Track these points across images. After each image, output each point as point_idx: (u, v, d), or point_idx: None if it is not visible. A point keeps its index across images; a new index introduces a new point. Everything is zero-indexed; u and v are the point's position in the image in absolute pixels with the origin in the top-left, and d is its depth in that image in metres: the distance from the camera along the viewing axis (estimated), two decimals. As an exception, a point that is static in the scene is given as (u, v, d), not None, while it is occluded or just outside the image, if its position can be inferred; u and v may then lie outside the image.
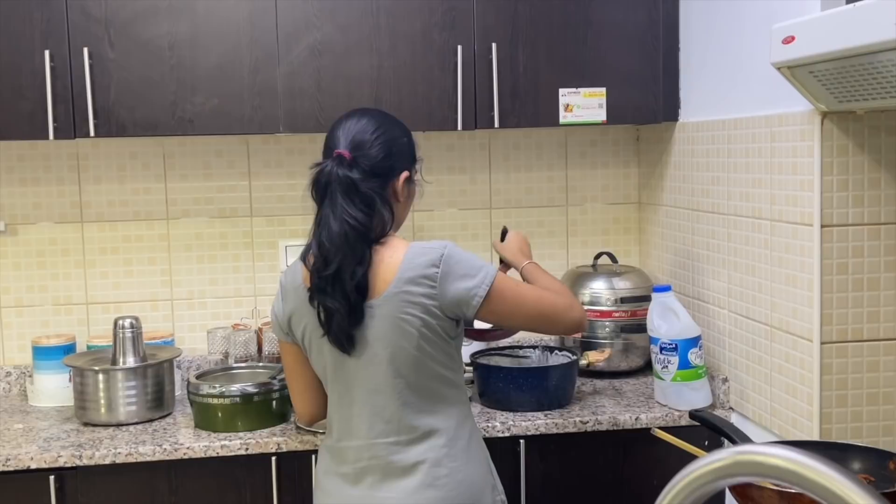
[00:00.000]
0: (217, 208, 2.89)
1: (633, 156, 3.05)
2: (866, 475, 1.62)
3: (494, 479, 1.99)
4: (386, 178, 1.91)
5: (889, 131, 1.96)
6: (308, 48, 2.52)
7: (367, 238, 1.84)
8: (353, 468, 1.91)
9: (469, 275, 1.85)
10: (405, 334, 1.84)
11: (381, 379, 1.87)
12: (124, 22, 2.46)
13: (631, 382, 2.70)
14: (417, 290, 1.83)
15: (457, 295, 1.84)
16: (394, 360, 1.86)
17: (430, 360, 1.87)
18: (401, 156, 1.94)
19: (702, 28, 2.56)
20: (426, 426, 1.89)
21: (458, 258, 1.86)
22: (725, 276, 2.42)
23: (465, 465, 1.90)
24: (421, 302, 1.83)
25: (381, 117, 1.97)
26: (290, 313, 1.93)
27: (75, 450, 2.23)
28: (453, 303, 1.84)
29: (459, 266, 1.85)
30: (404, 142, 1.97)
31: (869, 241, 1.99)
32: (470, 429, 1.96)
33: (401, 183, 1.93)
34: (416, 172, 2.00)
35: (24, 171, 2.81)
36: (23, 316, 2.84)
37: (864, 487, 0.66)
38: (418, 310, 1.83)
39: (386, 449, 1.88)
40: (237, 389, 2.33)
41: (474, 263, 1.87)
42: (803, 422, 2.06)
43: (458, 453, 1.90)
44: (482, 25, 2.58)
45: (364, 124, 1.91)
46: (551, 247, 3.04)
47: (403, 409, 1.88)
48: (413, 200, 2.02)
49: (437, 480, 1.87)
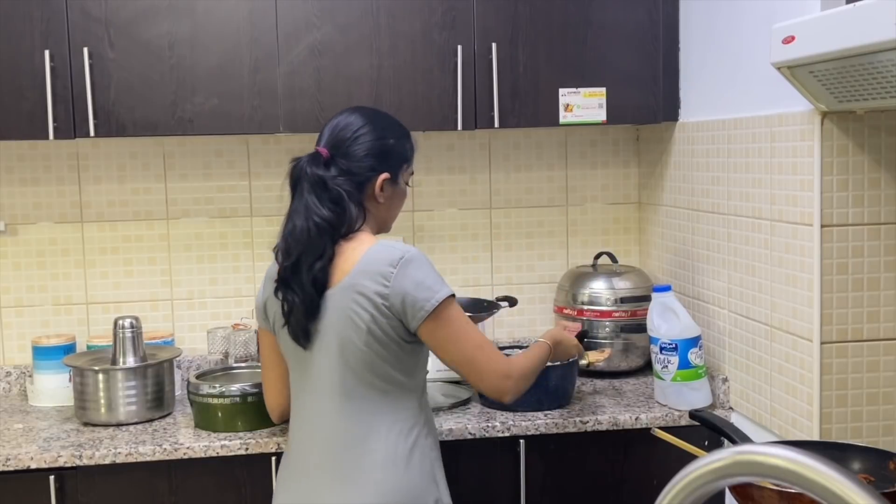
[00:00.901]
0: (217, 208, 2.89)
1: (633, 156, 3.05)
2: (866, 475, 1.62)
3: (439, 492, 1.92)
4: (362, 177, 1.92)
5: (889, 131, 1.96)
6: (308, 48, 2.52)
7: (332, 234, 1.87)
8: (304, 463, 1.91)
9: (423, 285, 1.82)
10: (354, 327, 1.83)
11: (331, 370, 1.87)
12: (124, 22, 2.46)
13: (631, 382, 2.70)
14: (370, 285, 1.82)
15: (406, 301, 1.81)
16: (343, 352, 1.85)
17: (379, 359, 1.85)
18: (383, 156, 1.94)
19: (702, 28, 2.56)
20: (369, 426, 1.86)
21: (418, 265, 1.83)
22: (725, 276, 2.42)
23: (404, 472, 1.85)
24: (372, 298, 1.81)
25: (370, 116, 1.98)
26: (265, 301, 1.99)
27: (75, 450, 2.23)
28: (400, 308, 1.82)
29: (417, 273, 1.82)
30: (389, 143, 1.96)
31: (869, 241, 1.99)
32: (417, 437, 1.89)
33: (378, 183, 1.93)
34: (403, 174, 2.00)
35: (24, 171, 2.81)
36: (23, 316, 2.84)
37: (864, 487, 0.66)
38: (369, 305, 1.82)
39: (330, 444, 1.87)
40: (237, 389, 2.33)
41: (433, 278, 1.84)
42: (803, 422, 2.06)
43: (398, 460, 1.85)
44: (482, 25, 2.58)
45: (349, 122, 1.94)
46: (551, 247, 3.04)
47: (349, 404, 1.86)
48: (399, 202, 2.02)
49: (369, 485, 1.84)
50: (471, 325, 1.90)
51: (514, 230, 3.02)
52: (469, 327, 1.88)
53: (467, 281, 3.00)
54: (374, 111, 2.03)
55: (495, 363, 1.90)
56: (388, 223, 2.04)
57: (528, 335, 3.01)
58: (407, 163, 2.01)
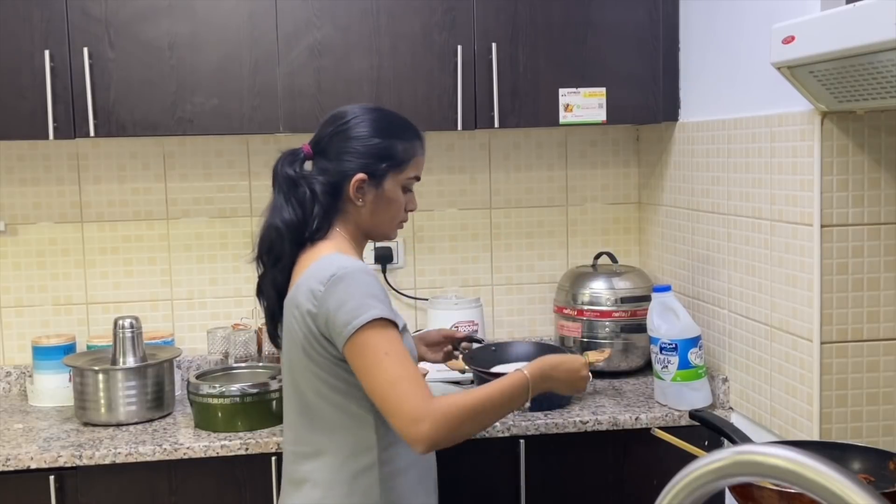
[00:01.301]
0: (217, 208, 2.89)
1: (633, 156, 3.05)
2: (866, 475, 1.62)
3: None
4: (337, 176, 1.80)
5: (889, 131, 1.96)
6: (308, 48, 2.52)
7: (295, 238, 1.79)
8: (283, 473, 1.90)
9: (346, 308, 1.65)
10: (294, 339, 1.75)
11: (287, 381, 1.84)
12: (124, 22, 2.46)
13: (631, 382, 2.70)
14: (303, 303, 1.71)
15: (328, 323, 1.68)
16: (290, 363, 1.80)
17: (315, 377, 1.74)
18: (361, 156, 1.79)
19: (702, 28, 2.56)
20: (317, 444, 1.77)
21: (347, 284, 1.67)
22: (725, 276, 2.42)
23: (345, 499, 1.75)
24: (304, 316, 1.71)
25: (360, 114, 1.84)
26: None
27: (75, 450, 2.23)
28: (326, 331, 1.69)
29: (343, 294, 1.66)
30: (373, 142, 1.80)
31: (869, 241, 1.99)
32: (369, 465, 1.75)
33: (352, 184, 1.79)
34: (391, 178, 1.82)
35: (24, 171, 2.81)
36: (23, 316, 2.84)
37: (864, 487, 0.66)
38: (302, 323, 1.72)
39: (289, 457, 1.86)
40: (237, 389, 2.33)
41: (359, 300, 1.66)
42: (803, 422, 2.06)
43: (342, 484, 1.75)
44: (482, 25, 2.58)
45: (336, 116, 1.85)
46: (551, 247, 3.04)
47: (300, 418, 1.80)
48: (386, 207, 1.84)
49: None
50: (392, 356, 1.64)
51: (514, 230, 3.02)
52: (387, 360, 1.63)
53: (467, 281, 3.00)
54: (375, 109, 1.89)
55: (407, 404, 1.61)
56: (377, 230, 1.87)
57: (527, 335, 3.01)
58: (395, 165, 1.82)
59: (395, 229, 1.90)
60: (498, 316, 3.02)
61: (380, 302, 1.68)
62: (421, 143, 1.89)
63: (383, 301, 1.70)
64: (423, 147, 1.90)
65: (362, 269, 1.71)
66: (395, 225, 1.89)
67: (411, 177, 1.87)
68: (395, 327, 1.69)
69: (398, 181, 1.84)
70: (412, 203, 1.90)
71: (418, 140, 1.88)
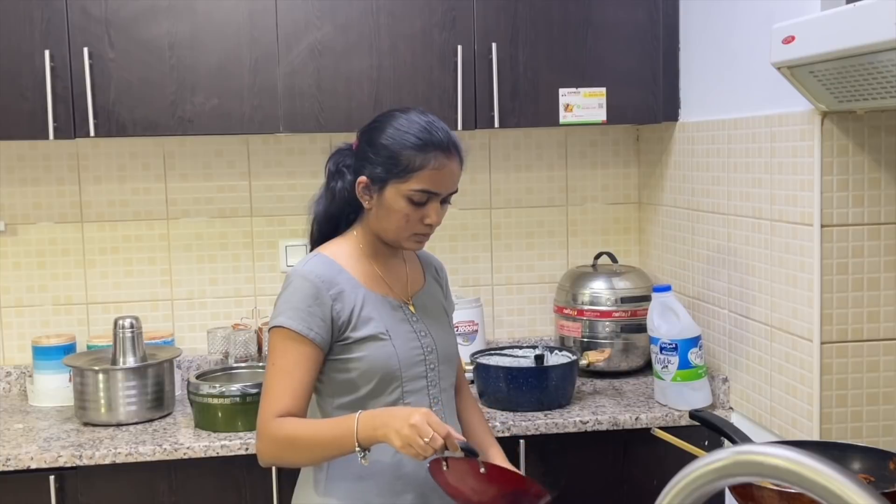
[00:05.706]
0: (217, 208, 2.89)
1: (633, 156, 3.05)
2: (866, 475, 1.62)
3: None
4: (354, 174, 1.80)
5: (889, 131, 1.96)
6: (308, 48, 2.52)
7: (322, 231, 1.87)
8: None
9: (274, 309, 1.76)
10: None
11: None
12: (124, 22, 2.46)
13: (631, 382, 2.70)
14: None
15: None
16: None
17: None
18: (369, 159, 1.76)
19: (702, 28, 2.56)
20: None
21: (284, 287, 1.77)
22: (725, 276, 2.42)
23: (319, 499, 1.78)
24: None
25: (392, 116, 1.79)
26: None
27: (75, 450, 2.23)
28: None
29: (280, 294, 1.77)
30: (382, 148, 1.75)
31: (869, 241, 1.99)
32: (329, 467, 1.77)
33: (357, 186, 1.79)
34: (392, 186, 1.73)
35: (24, 171, 2.81)
36: (23, 316, 2.84)
37: (864, 487, 0.66)
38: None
39: None
40: (237, 389, 2.33)
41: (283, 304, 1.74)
42: (803, 422, 2.06)
43: (313, 483, 1.80)
44: (482, 25, 2.58)
45: (375, 118, 1.83)
46: (551, 247, 3.04)
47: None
48: (386, 215, 1.76)
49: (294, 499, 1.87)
50: (275, 367, 1.71)
51: (514, 230, 3.02)
52: (271, 368, 1.72)
53: (467, 281, 3.00)
54: (409, 113, 1.79)
55: (260, 416, 1.71)
56: (386, 237, 1.80)
57: (527, 335, 3.01)
58: (397, 174, 1.73)
59: (407, 240, 1.80)
60: (498, 316, 3.02)
61: (295, 311, 1.71)
62: (440, 158, 1.74)
63: (301, 310, 1.71)
64: (441, 162, 1.74)
65: (302, 275, 1.75)
66: (404, 235, 1.78)
67: (416, 189, 1.73)
68: (302, 339, 1.70)
69: (400, 191, 1.73)
70: (428, 217, 1.76)
71: (440, 154, 1.74)
